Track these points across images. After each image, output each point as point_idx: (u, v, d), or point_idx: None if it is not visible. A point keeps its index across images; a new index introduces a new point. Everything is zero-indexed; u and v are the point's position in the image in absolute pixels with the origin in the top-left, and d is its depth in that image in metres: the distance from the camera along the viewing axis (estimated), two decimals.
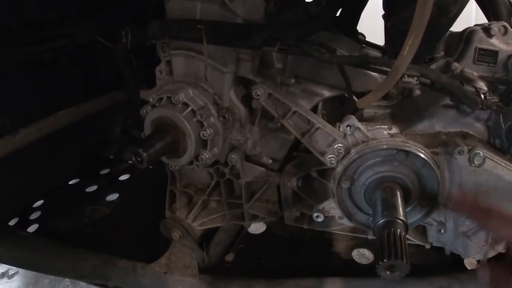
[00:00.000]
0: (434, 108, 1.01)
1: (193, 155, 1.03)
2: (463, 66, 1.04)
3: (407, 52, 0.73)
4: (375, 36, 1.35)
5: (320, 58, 0.87)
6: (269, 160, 1.15)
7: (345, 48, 1.04)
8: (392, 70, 0.77)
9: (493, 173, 0.94)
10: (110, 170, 1.85)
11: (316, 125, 0.95)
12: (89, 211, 1.60)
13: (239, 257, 1.35)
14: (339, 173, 0.94)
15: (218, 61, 1.03)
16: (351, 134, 0.92)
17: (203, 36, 0.95)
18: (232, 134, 1.07)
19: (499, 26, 1.03)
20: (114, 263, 1.28)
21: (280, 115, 0.99)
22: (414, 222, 1.00)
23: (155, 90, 1.12)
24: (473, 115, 1.01)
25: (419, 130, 1.01)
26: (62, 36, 1.39)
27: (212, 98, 1.05)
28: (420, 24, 0.70)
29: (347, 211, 1.00)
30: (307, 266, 1.31)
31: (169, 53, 1.08)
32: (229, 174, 1.13)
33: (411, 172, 0.93)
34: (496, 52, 1.02)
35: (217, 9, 0.99)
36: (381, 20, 1.11)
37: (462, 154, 0.92)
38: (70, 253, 1.35)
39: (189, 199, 1.24)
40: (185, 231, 1.20)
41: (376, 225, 0.82)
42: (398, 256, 0.74)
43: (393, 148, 0.90)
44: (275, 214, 1.19)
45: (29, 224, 1.58)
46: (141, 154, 0.94)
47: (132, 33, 1.11)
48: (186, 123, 0.99)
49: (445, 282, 1.22)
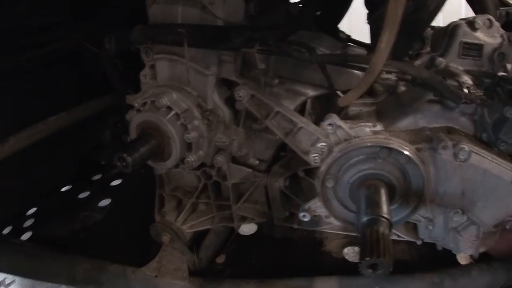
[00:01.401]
0: (419, 103, 1.01)
1: (179, 158, 1.03)
2: (448, 61, 1.03)
3: (383, 48, 0.73)
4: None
5: (299, 57, 0.88)
6: (255, 161, 1.15)
7: (326, 47, 1.04)
8: (369, 67, 0.77)
9: (479, 167, 0.94)
10: (102, 176, 1.85)
11: (298, 124, 0.95)
12: (82, 217, 1.60)
13: (230, 259, 1.35)
14: (323, 172, 0.94)
15: (201, 64, 1.03)
16: (333, 132, 0.91)
17: (184, 39, 0.96)
18: (217, 136, 1.08)
19: (484, 19, 1.03)
20: (105, 268, 1.28)
21: (263, 115, 0.99)
22: (401, 219, 0.99)
23: (140, 94, 1.12)
24: (458, 109, 1.00)
25: (404, 126, 1.00)
26: (53, 41, 1.39)
27: (196, 101, 1.05)
28: (394, 19, 0.70)
29: (333, 210, 1.00)
30: (298, 266, 1.31)
31: (152, 57, 1.09)
32: (216, 176, 1.13)
33: (395, 169, 0.93)
34: (481, 45, 1.02)
35: (198, 13, 1.00)
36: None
37: (446, 149, 0.91)
38: (63, 259, 1.35)
39: (178, 202, 1.24)
40: (175, 234, 1.20)
41: (360, 223, 0.81)
42: (380, 254, 0.73)
43: (376, 145, 0.90)
44: (264, 215, 1.19)
45: (23, 232, 1.58)
46: (126, 158, 0.94)
47: (115, 39, 1.11)
48: (170, 127, 1.00)
49: (437, 278, 1.21)
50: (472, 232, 1.02)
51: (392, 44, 0.72)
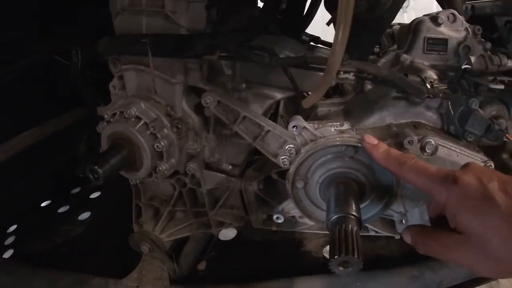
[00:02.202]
0: (384, 100, 1.02)
1: (151, 168, 1.04)
2: (413, 57, 1.05)
3: (338, 48, 0.74)
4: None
5: (260, 61, 0.88)
6: (228, 166, 1.16)
7: (290, 50, 1.05)
8: (326, 67, 0.78)
9: (447, 160, 0.95)
10: (81, 189, 1.84)
11: (266, 128, 0.96)
12: (63, 231, 1.60)
13: (211, 265, 1.35)
14: (292, 173, 0.94)
15: (167, 72, 1.03)
16: (299, 134, 0.92)
17: (148, 49, 0.96)
18: (188, 144, 1.08)
19: (447, 14, 1.05)
20: (88, 282, 1.28)
21: (231, 121, 1.00)
22: (373, 215, 1.00)
23: (109, 105, 1.12)
24: (423, 104, 1.01)
25: (370, 124, 1.01)
26: (22, 56, 1.39)
27: (165, 110, 1.05)
28: (345, 18, 0.70)
29: (305, 210, 1.01)
30: (279, 268, 1.31)
31: (120, 68, 1.09)
32: (190, 183, 1.13)
33: (363, 166, 0.94)
34: (445, 40, 1.04)
35: (162, 22, 1.00)
36: None
37: (412, 144, 0.93)
38: (45, 274, 1.34)
39: (155, 211, 1.24)
40: (154, 243, 1.20)
41: (329, 222, 0.82)
42: (349, 251, 0.73)
43: (342, 144, 0.91)
44: (241, 219, 1.20)
45: (4, 250, 1.57)
46: (96, 170, 0.94)
47: (83, 51, 1.11)
48: (140, 137, 1.00)
49: (416, 272, 1.23)
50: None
51: (346, 43, 0.73)
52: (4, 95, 1.43)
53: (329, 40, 1.41)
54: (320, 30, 1.57)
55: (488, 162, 0.94)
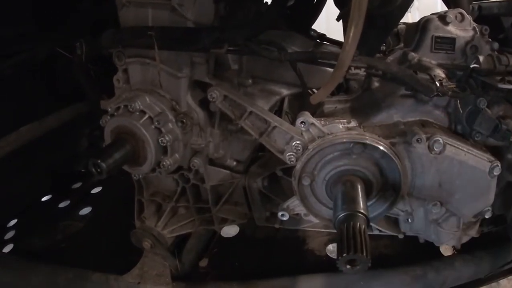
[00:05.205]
0: (392, 98, 1.01)
1: (154, 162, 1.02)
2: (421, 55, 1.04)
3: (350, 44, 0.73)
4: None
5: (269, 56, 0.87)
6: (233, 162, 1.15)
7: (298, 45, 1.03)
8: (337, 63, 0.77)
9: (455, 159, 0.94)
10: (82, 184, 1.83)
11: (272, 124, 0.95)
12: (63, 226, 1.58)
13: (213, 262, 1.34)
14: (298, 170, 0.93)
15: (173, 66, 1.02)
16: (307, 130, 0.91)
17: (154, 42, 0.95)
18: (193, 139, 1.07)
19: (455, 13, 1.04)
20: (87, 277, 1.27)
21: (237, 116, 0.99)
22: (379, 213, 0.99)
23: (113, 99, 1.11)
24: (431, 102, 1.00)
25: (378, 122, 1.00)
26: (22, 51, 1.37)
27: (169, 104, 1.04)
28: (358, 14, 0.69)
29: (311, 207, 1.00)
30: (282, 265, 1.31)
31: (125, 61, 1.08)
32: (193, 179, 1.12)
33: (370, 164, 0.93)
34: (453, 39, 1.03)
35: (168, 15, 0.99)
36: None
37: (420, 142, 0.92)
38: (44, 270, 1.32)
39: (157, 207, 1.23)
40: (156, 239, 1.18)
41: (336, 220, 0.81)
42: (357, 249, 0.73)
43: (350, 141, 0.90)
44: (245, 216, 1.19)
45: (4, 245, 1.56)
46: (100, 165, 0.93)
47: (87, 44, 1.10)
48: (144, 131, 0.99)
49: (420, 271, 1.22)
50: (453, 224, 1.03)
51: (359, 39, 0.72)
52: (4, 89, 1.41)
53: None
54: (323, 27, 1.57)
55: (495, 162, 0.93)
